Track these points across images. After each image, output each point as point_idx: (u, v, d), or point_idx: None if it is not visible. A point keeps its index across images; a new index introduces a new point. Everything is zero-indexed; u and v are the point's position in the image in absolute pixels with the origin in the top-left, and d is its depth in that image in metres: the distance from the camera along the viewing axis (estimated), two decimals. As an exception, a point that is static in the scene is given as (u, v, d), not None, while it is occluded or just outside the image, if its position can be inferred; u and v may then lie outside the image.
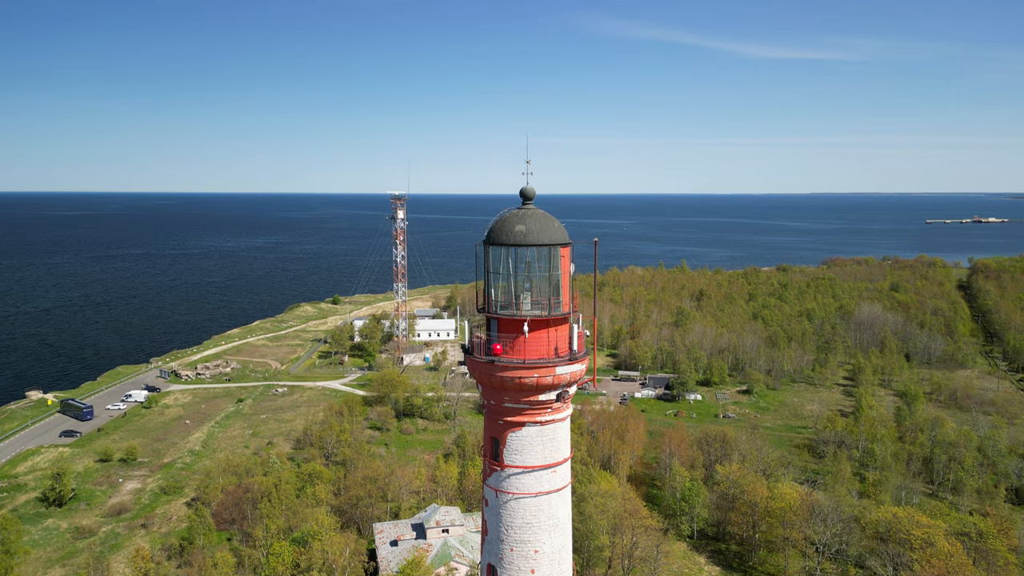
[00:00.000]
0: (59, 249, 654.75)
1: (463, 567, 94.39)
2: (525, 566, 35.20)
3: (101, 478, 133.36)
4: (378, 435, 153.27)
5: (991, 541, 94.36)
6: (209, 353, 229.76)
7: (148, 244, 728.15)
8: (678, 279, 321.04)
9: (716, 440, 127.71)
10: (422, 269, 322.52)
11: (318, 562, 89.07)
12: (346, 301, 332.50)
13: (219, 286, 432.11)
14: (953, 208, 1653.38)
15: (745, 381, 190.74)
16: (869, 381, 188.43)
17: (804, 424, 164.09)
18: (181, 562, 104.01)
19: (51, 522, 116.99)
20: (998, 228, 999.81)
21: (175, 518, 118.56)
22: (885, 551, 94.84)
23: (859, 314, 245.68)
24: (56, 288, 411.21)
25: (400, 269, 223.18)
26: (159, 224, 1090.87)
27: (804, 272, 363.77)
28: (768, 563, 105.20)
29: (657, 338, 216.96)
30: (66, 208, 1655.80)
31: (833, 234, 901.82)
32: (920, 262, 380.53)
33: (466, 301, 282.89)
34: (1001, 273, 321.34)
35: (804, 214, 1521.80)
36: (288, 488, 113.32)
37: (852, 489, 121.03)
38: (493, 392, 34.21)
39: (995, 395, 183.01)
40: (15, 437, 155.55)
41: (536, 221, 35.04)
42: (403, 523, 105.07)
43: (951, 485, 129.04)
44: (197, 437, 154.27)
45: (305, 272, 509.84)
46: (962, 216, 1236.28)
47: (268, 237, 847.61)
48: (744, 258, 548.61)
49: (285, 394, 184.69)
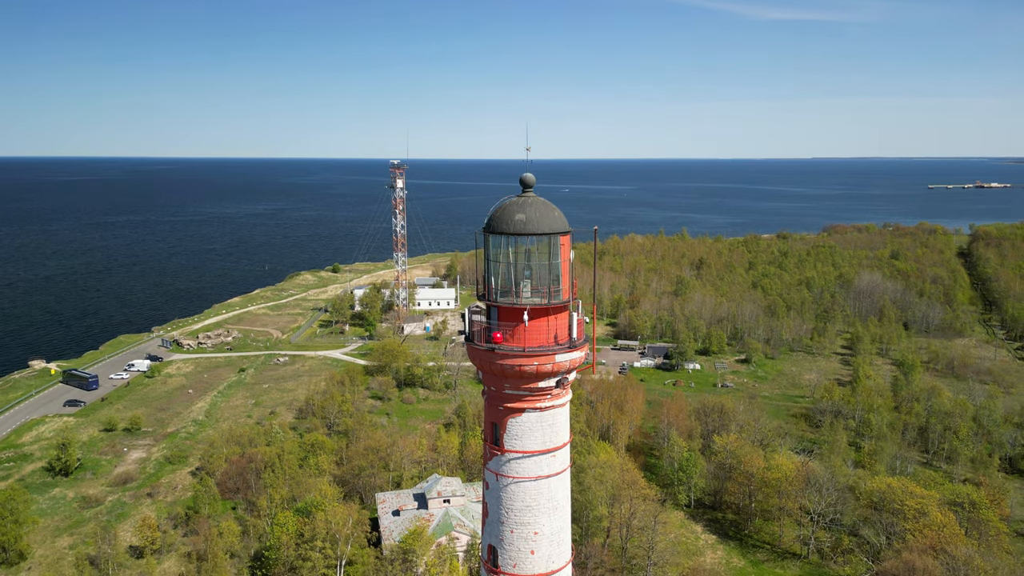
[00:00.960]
0: (59, 216, 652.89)
1: (464, 536, 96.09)
2: (525, 547, 35.89)
3: (106, 447, 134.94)
4: (379, 405, 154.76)
5: (983, 511, 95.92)
6: (210, 322, 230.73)
7: (148, 211, 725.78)
8: (678, 247, 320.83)
9: (714, 411, 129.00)
10: (421, 237, 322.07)
11: (322, 532, 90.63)
12: (346, 269, 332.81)
13: (219, 253, 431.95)
14: (956, 173, 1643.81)
15: (744, 350, 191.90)
16: (867, 350, 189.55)
17: (802, 393, 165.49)
18: (187, 531, 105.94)
19: (58, 491, 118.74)
20: (1000, 193, 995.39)
21: (180, 487, 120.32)
22: (879, 520, 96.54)
23: (858, 283, 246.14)
24: (57, 255, 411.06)
25: (400, 239, 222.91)
26: (159, 190, 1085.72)
27: (804, 240, 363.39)
28: (764, 531, 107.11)
29: (656, 307, 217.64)
30: (67, 173, 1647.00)
31: (834, 200, 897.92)
32: (921, 229, 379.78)
33: (466, 270, 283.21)
34: (1002, 240, 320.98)
35: (806, 179, 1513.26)
36: (291, 458, 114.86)
37: (848, 459, 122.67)
38: (493, 379, 34.57)
39: (992, 364, 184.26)
40: (20, 407, 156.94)
41: (536, 209, 35.01)
42: (405, 493, 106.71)
43: (946, 454, 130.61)
44: (200, 407, 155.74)
45: (305, 239, 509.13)
46: (964, 181, 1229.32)
47: (268, 203, 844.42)
48: (745, 225, 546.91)
49: (287, 363, 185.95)
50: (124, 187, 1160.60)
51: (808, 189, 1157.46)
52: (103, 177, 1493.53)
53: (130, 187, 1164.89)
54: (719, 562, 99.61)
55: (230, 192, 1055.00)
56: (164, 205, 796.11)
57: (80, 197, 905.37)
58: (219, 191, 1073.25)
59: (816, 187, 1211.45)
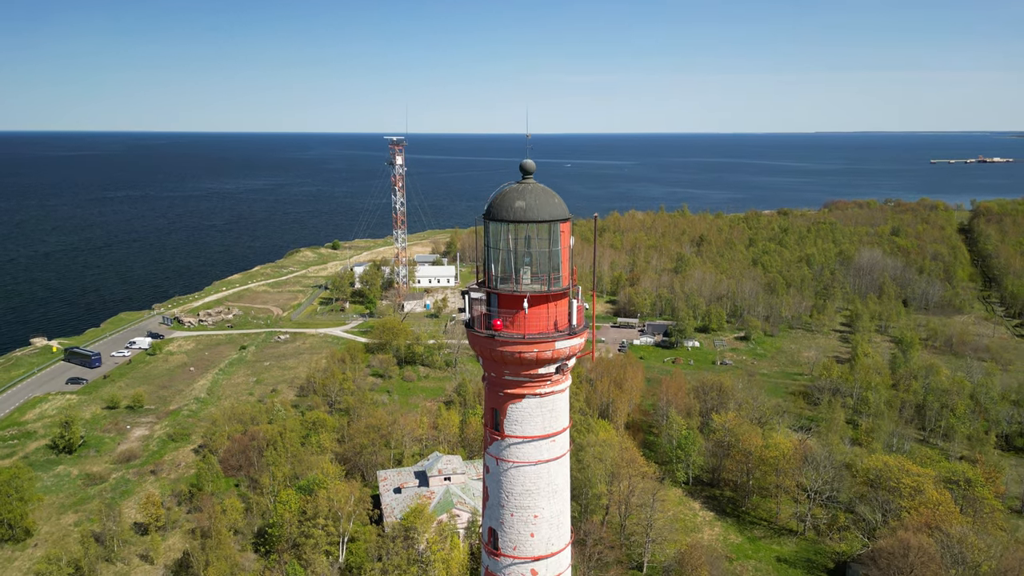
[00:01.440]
0: (58, 191, 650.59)
1: (465, 514, 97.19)
2: (525, 530, 36.40)
3: (109, 425, 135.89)
4: (380, 382, 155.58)
5: (979, 489, 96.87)
6: (210, 299, 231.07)
7: (147, 186, 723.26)
8: (679, 224, 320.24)
9: (713, 389, 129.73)
10: (421, 214, 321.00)
11: (324, 510, 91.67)
12: (346, 246, 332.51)
13: (219, 230, 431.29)
14: (958, 147, 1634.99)
15: (743, 328, 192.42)
16: (866, 328, 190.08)
17: (800, 371, 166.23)
18: (191, 507, 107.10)
19: (62, 469, 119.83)
20: (1003, 168, 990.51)
21: (183, 464, 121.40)
22: (875, 497, 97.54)
23: (859, 259, 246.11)
24: (57, 231, 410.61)
25: (399, 216, 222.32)
26: (158, 165, 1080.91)
27: (805, 216, 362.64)
28: (761, 508, 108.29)
29: (656, 285, 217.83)
30: (65, 148, 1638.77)
31: (836, 175, 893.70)
32: (922, 205, 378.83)
33: (466, 247, 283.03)
34: (1003, 217, 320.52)
35: (808, 154, 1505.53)
36: (293, 436, 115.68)
37: (845, 437, 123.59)
38: (493, 365, 34.79)
39: (990, 341, 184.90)
40: (22, 384, 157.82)
41: (536, 197, 34.96)
42: (406, 471, 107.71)
43: (942, 432, 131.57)
44: (202, 384, 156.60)
45: (305, 215, 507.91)
46: (967, 156, 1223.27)
47: (267, 179, 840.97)
48: (746, 200, 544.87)
49: (287, 341, 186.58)
50: (123, 162, 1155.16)
51: (810, 164, 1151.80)
52: (102, 152, 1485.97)
53: (129, 162, 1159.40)
54: (716, 538, 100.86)
55: (229, 167, 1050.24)
56: (163, 180, 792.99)
57: (79, 172, 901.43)
58: (218, 166, 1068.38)
59: (818, 162, 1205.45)
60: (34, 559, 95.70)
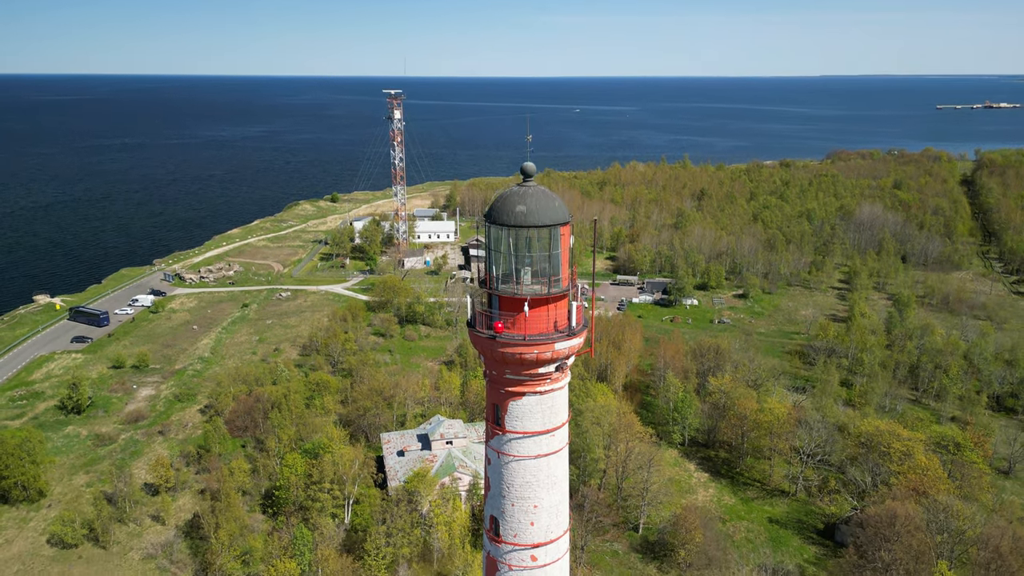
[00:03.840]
0: (51, 139, 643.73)
1: (466, 477, 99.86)
2: (525, 519, 37.99)
3: (116, 385, 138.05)
4: (382, 342, 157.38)
5: (967, 453, 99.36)
6: (211, 255, 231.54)
7: (144, 133, 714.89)
8: (680, 176, 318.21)
9: (710, 351, 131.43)
10: (420, 165, 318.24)
11: (329, 474, 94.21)
12: (345, 199, 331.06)
13: (219, 180, 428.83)
14: (965, 92, 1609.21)
15: (742, 285, 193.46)
16: (864, 285, 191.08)
17: (797, 330, 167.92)
18: (199, 468, 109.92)
19: (71, 429, 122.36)
20: (1009, 114, 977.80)
21: (190, 425, 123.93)
22: (866, 460, 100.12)
23: (859, 214, 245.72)
24: (56, 181, 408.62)
25: (399, 172, 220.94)
26: (152, 111, 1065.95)
27: (807, 168, 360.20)
28: (754, 470, 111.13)
29: (656, 242, 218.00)
30: (54, 92, 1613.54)
31: (841, 121, 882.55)
32: (926, 156, 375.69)
33: (465, 201, 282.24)
34: (1006, 168, 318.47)
35: (813, 99, 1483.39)
36: (297, 398, 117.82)
37: (839, 398, 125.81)
38: (495, 364, 35.77)
39: (987, 298, 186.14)
40: (27, 343, 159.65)
41: (536, 201, 35.39)
42: (409, 433, 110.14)
43: (935, 392, 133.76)
44: (205, 343, 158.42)
45: (304, 165, 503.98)
46: (973, 101, 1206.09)
47: (264, 125, 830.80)
48: (749, 149, 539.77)
49: (289, 298, 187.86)
50: (116, 107, 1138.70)
51: (815, 110, 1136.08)
52: (93, 96, 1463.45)
53: (122, 107, 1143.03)
54: (711, 500, 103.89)
55: (224, 113, 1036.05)
56: (159, 127, 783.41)
57: (71, 119, 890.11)
58: (211, 112, 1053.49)
59: (823, 107, 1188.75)
60: (48, 519, 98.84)
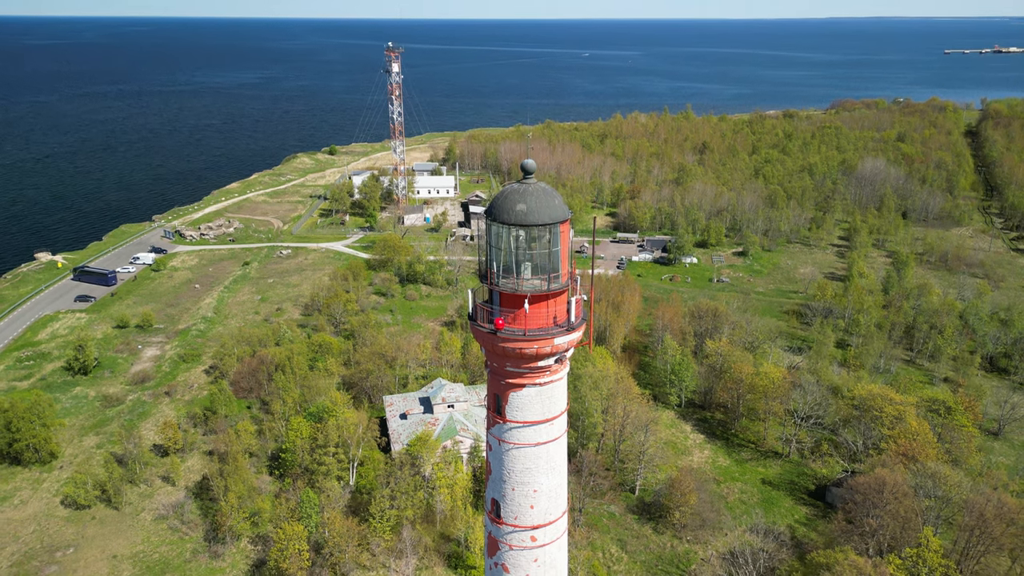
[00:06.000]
0: (46, 86, 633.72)
1: (467, 440, 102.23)
2: (525, 503, 39.69)
3: (121, 345, 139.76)
4: (383, 301, 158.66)
5: (958, 416, 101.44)
6: (211, 211, 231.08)
7: (138, 79, 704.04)
8: (682, 128, 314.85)
9: (708, 314, 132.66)
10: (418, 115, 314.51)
11: (334, 438, 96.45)
12: (343, 151, 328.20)
13: (217, 130, 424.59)
14: (974, 35, 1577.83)
15: (741, 243, 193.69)
16: (863, 243, 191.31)
17: (796, 288, 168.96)
18: (206, 430, 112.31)
19: (79, 390, 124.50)
20: (1018, 59, 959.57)
21: (196, 386, 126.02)
22: (859, 423, 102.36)
23: (861, 169, 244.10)
24: (53, 131, 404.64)
25: (397, 127, 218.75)
26: (142, 56, 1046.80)
27: (811, 119, 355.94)
28: (749, 431, 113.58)
29: (657, 198, 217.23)
30: (39, 37, 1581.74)
31: (847, 67, 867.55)
32: (931, 106, 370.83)
33: (465, 154, 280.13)
34: (1012, 120, 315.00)
35: (820, 43, 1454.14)
36: (300, 360, 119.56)
37: (834, 360, 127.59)
38: (495, 358, 36.91)
39: (986, 256, 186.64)
40: (31, 302, 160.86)
41: (536, 199, 35.96)
42: (411, 396, 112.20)
43: (929, 353, 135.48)
44: (208, 303, 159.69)
45: (302, 114, 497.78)
46: (982, 45, 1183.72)
47: (259, 71, 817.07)
48: (752, 97, 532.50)
49: (290, 256, 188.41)
50: (106, 52, 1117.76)
51: (821, 55, 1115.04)
52: (79, 41, 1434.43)
53: (112, 52, 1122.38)
54: (706, 461, 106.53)
55: (218, 58, 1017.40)
56: (154, 73, 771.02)
57: (62, 64, 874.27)
58: (206, 57, 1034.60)
59: (829, 52, 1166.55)
60: (61, 481, 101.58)
